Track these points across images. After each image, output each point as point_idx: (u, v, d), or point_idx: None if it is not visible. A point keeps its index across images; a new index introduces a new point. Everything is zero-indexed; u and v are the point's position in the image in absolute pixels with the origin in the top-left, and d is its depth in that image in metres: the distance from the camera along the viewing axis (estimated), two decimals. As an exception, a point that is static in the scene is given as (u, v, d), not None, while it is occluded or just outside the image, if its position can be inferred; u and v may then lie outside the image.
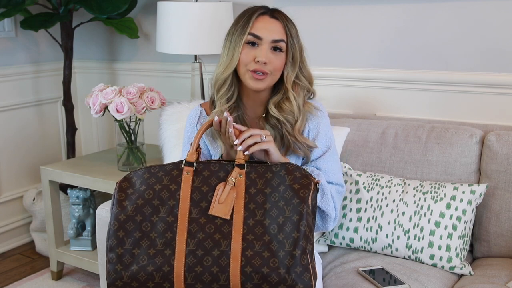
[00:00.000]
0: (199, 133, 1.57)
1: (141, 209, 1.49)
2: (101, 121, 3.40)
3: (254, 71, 1.59)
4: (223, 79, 1.64)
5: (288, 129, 1.66)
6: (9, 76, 3.14)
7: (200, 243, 1.44)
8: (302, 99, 1.69)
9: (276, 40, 1.60)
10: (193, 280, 1.42)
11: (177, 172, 1.52)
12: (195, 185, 1.49)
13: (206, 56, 2.80)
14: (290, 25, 1.63)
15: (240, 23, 1.62)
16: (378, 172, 2.14)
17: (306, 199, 1.45)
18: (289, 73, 1.64)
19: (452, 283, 1.87)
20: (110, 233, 1.49)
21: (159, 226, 1.47)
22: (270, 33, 1.60)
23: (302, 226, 1.42)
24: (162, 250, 1.45)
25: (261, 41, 1.60)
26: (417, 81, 2.41)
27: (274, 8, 1.67)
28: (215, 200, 1.47)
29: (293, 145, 1.68)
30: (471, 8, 2.26)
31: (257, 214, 1.45)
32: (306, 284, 1.40)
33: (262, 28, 1.60)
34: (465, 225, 1.92)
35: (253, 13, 1.62)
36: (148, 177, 1.52)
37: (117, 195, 1.52)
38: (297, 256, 1.40)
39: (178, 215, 1.47)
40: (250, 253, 1.41)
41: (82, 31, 3.21)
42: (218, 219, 1.46)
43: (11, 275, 2.95)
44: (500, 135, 2.03)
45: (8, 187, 3.22)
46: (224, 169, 1.51)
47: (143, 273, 1.44)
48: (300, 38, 1.66)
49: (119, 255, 1.46)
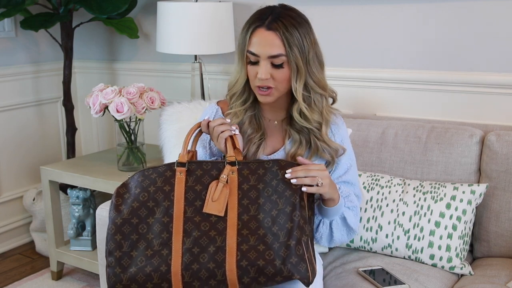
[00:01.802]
0: (188, 136, 1.58)
1: (136, 212, 1.50)
2: (101, 121, 3.40)
3: (259, 87, 1.58)
4: (236, 89, 1.63)
5: (317, 135, 1.63)
6: (9, 76, 3.14)
7: (196, 240, 1.45)
8: (323, 104, 1.62)
9: (273, 56, 1.52)
10: (190, 277, 1.43)
11: (170, 173, 1.53)
12: (189, 185, 1.51)
13: (206, 56, 2.80)
14: (289, 34, 1.51)
15: (242, 35, 1.56)
16: (378, 172, 2.14)
17: (298, 190, 1.46)
18: (296, 84, 1.55)
19: (452, 283, 1.87)
20: (108, 237, 1.51)
21: (155, 227, 1.48)
22: (266, 49, 1.51)
23: (295, 216, 1.43)
24: (159, 250, 1.46)
25: (259, 57, 1.53)
26: (417, 81, 2.41)
27: (275, 16, 1.53)
28: (208, 198, 1.48)
29: (321, 149, 1.64)
30: (471, 8, 2.26)
31: (251, 209, 1.46)
32: (302, 275, 1.41)
33: (257, 44, 1.52)
34: (465, 225, 1.92)
35: (250, 25, 1.54)
36: (142, 180, 1.53)
37: (114, 200, 1.54)
38: (292, 246, 1.41)
39: (173, 215, 1.48)
40: (246, 247, 1.42)
41: (82, 31, 3.20)
42: (213, 216, 1.47)
43: (11, 275, 2.95)
44: (500, 135, 2.03)
45: (8, 187, 3.22)
46: (217, 168, 1.52)
47: (141, 274, 1.45)
48: (307, 42, 1.54)
49: (117, 258, 1.48)
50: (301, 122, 1.61)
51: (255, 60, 1.55)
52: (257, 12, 1.58)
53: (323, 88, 1.61)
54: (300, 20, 1.56)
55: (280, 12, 1.55)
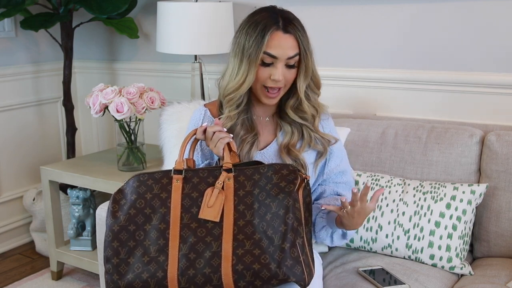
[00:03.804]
0: (184, 144, 1.59)
1: (133, 219, 1.51)
2: (101, 121, 3.40)
3: (269, 88, 1.60)
4: (242, 92, 1.62)
5: (310, 127, 1.69)
6: (9, 76, 3.14)
7: (192, 246, 1.45)
8: (317, 99, 1.71)
9: (290, 57, 1.58)
10: (187, 283, 1.43)
11: (166, 180, 1.53)
12: (185, 192, 1.51)
13: (206, 56, 2.80)
14: (303, 37, 1.59)
15: (253, 37, 1.57)
16: (378, 172, 2.14)
17: (291, 193, 1.46)
18: (301, 83, 1.63)
19: (452, 283, 1.87)
20: (106, 244, 1.52)
21: (152, 234, 1.49)
22: (285, 51, 1.57)
23: (289, 219, 1.43)
24: (156, 257, 1.47)
25: (276, 59, 1.57)
26: (417, 81, 2.41)
27: (286, 19, 1.58)
28: (204, 204, 1.49)
29: (314, 140, 1.70)
30: (471, 8, 2.26)
31: (247, 214, 1.46)
32: (298, 278, 1.41)
33: (277, 46, 1.56)
34: (465, 225, 1.92)
35: (266, 28, 1.56)
36: (138, 186, 1.53)
37: (111, 206, 1.54)
38: (286, 249, 1.41)
39: (170, 222, 1.49)
40: (241, 251, 1.43)
41: (82, 31, 3.20)
42: (209, 222, 1.47)
43: (11, 275, 2.95)
44: (500, 135, 2.03)
45: (8, 187, 3.22)
46: (213, 175, 1.52)
47: (138, 280, 1.46)
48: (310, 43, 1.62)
49: (115, 265, 1.49)
50: (294, 117, 1.67)
51: (270, 62, 1.58)
52: (264, 15, 1.59)
53: (318, 85, 1.69)
54: (301, 23, 1.63)
55: (287, 14, 1.61)
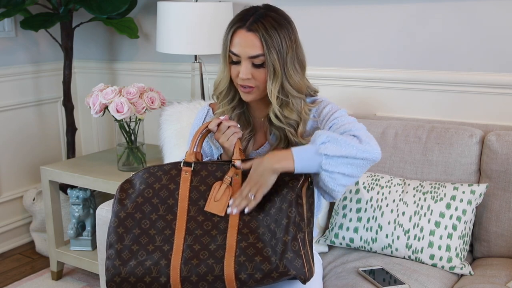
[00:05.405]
0: (196, 135, 1.61)
1: (140, 207, 1.53)
2: (101, 121, 3.40)
3: (241, 86, 1.61)
4: (222, 87, 1.67)
5: (292, 133, 1.66)
6: (9, 76, 3.14)
7: (198, 238, 1.48)
8: (301, 105, 1.63)
9: (252, 56, 1.55)
10: (189, 272, 1.45)
11: (175, 172, 1.56)
12: (193, 185, 1.54)
13: (206, 56, 2.80)
14: (268, 36, 1.53)
15: (224, 36, 1.61)
16: (378, 172, 2.14)
17: (294, 188, 1.47)
18: (271, 86, 1.57)
19: (452, 283, 1.87)
20: (110, 229, 1.53)
21: (158, 224, 1.51)
22: (246, 50, 1.55)
23: (291, 213, 1.44)
24: (160, 246, 1.49)
25: (240, 58, 1.57)
26: (417, 81, 2.41)
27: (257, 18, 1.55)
28: (211, 197, 1.52)
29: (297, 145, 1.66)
30: (471, 8, 2.26)
31: (253, 210, 1.48)
32: (298, 271, 1.41)
33: (238, 44, 1.56)
34: (465, 225, 1.92)
35: (232, 26, 1.59)
36: (147, 177, 1.56)
37: (118, 194, 1.57)
38: (287, 242, 1.42)
39: (177, 213, 1.51)
40: (244, 244, 1.45)
41: (82, 31, 3.21)
42: (216, 216, 1.50)
43: (11, 275, 2.95)
44: (500, 135, 2.03)
45: (8, 187, 3.22)
46: (221, 169, 1.55)
47: (141, 267, 1.47)
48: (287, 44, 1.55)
49: (118, 250, 1.50)
50: (276, 122, 1.64)
51: (236, 60, 1.59)
52: (241, 13, 1.61)
53: (299, 90, 1.61)
54: (281, 21, 1.57)
55: (262, 13, 1.57)
